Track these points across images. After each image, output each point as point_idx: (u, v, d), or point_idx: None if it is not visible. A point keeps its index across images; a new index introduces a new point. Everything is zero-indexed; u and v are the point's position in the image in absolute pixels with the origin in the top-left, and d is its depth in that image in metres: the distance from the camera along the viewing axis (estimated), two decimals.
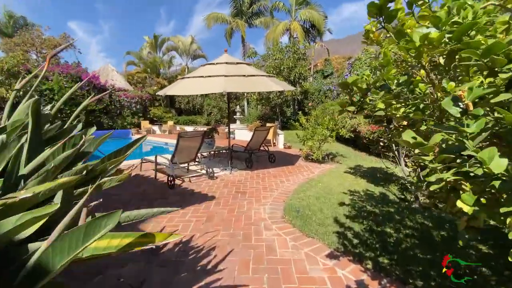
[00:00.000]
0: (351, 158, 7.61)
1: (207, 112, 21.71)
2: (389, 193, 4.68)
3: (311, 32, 18.42)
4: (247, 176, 5.79)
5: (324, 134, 7.02)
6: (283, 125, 15.93)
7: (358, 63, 11.28)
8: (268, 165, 6.96)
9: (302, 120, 7.59)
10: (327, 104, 11.61)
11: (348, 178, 5.51)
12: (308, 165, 6.93)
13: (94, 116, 18.12)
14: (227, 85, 4.69)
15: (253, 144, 6.90)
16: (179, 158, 5.27)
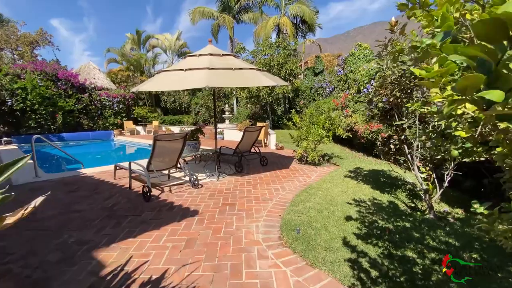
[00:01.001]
0: (348, 160, 7.05)
1: (195, 111, 20.85)
2: (397, 201, 4.12)
3: (301, 28, 17.87)
4: (237, 183, 5.12)
5: (320, 134, 6.43)
6: (274, 124, 15.32)
7: (351, 59, 10.78)
8: (260, 169, 6.31)
9: (296, 119, 6.97)
10: (320, 102, 11.09)
11: (349, 183, 4.92)
12: (304, 168, 6.32)
13: (73, 116, 16.96)
14: (210, 79, 4.00)
15: (243, 146, 6.24)
16: (157, 165, 4.54)
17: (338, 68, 12.10)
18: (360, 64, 10.37)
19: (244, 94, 13.12)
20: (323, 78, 14.01)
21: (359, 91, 8.85)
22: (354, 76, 9.95)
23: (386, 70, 3.44)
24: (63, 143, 15.20)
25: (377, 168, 6.05)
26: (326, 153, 7.86)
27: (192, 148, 5.99)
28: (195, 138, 5.97)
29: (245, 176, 5.68)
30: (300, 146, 6.90)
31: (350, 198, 4.11)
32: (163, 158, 4.61)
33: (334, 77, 12.38)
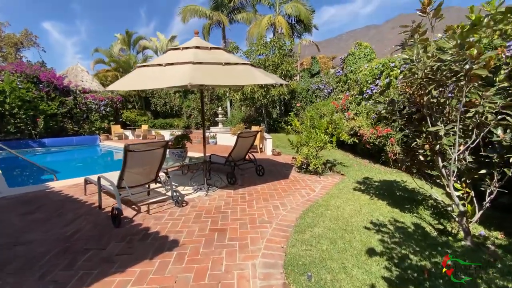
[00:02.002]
0: (354, 168, 6.35)
1: (187, 114, 20.02)
2: (423, 222, 3.40)
3: (297, 28, 17.28)
4: (229, 199, 4.35)
5: (323, 139, 5.72)
6: (270, 127, 14.61)
7: (351, 58, 10.15)
8: (255, 180, 5.55)
9: (295, 123, 6.25)
10: (319, 104, 10.42)
11: (361, 199, 4.20)
12: (305, 179, 5.59)
13: (56, 121, 15.94)
14: (194, 76, 3.24)
15: (237, 153, 5.48)
16: (131, 179, 3.75)
17: (337, 68, 11.45)
18: (361, 64, 9.73)
19: (238, 96, 12.38)
20: (320, 79, 13.38)
21: (361, 92, 8.19)
22: (354, 77, 9.30)
23: (417, 63, 2.73)
24: (44, 149, 14.18)
25: (389, 178, 5.35)
26: (328, 159, 7.15)
27: (177, 157, 5.20)
28: (180, 145, 5.19)
29: (238, 189, 4.91)
30: (300, 152, 6.18)
31: (367, 220, 3.38)
32: (139, 172, 3.82)
33: (333, 78, 11.73)
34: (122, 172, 3.57)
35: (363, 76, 8.26)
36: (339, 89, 10.84)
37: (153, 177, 4.08)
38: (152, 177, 4.07)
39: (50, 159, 13.00)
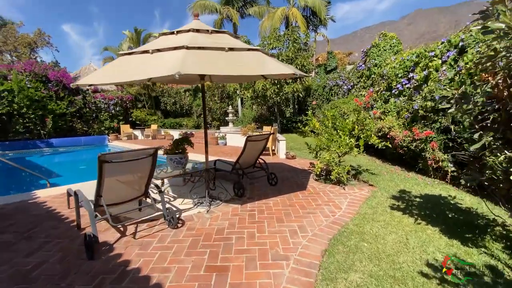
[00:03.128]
0: (384, 177, 5.38)
1: (197, 113, 19.42)
2: (498, 263, 2.45)
3: (312, 21, 16.23)
4: (234, 219, 3.54)
5: (349, 143, 4.80)
6: (283, 127, 13.70)
7: (375, 51, 9.09)
8: (267, 190, 4.72)
9: (315, 123, 5.35)
10: (338, 101, 9.42)
11: (404, 222, 3.28)
12: (327, 190, 4.70)
13: (65, 120, 15.70)
14: (185, 64, 2.44)
15: (245, 160, 4.66)
16: (111, 196, 3.01)
17: (358, 62, 10.37)
18: (387, 56, 8.66)
19: (249, 94, 11.56)
20: (338, 75, 12.32)
21: (389, 87, 7.16)
22: (380, 71, 8.26)
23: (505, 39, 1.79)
24: (51, 149, 13.91)
25: (432, 192, 4.36)
26: (351, 165, 6.20)
27: (176, 165, 4.44)
28: (179, 150, 4.42)
29: (247, 204, 4.09)
30: (320, 158, 5.29)
31: (420, 259, 2.46)
32: (121, 187, 3.07)
33: (354, 73, 10.67)
34: (98, 187, 2.82)
35: (391, 70, 7.23)
36: (361, 85, 9.79)
37: (141, 191, 3.32)
38: (140, 191, 3.31)
39: (56, 160, 12.69)
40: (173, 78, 4.11)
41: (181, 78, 5.10)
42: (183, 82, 5.33)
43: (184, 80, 5.23)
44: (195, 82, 5.34)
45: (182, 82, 5.42)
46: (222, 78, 5.39)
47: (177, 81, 5.41)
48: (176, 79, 2.83)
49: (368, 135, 4.92)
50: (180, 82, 5.43)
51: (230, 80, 6.06)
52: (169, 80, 5.48)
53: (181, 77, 4.77)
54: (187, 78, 5.07)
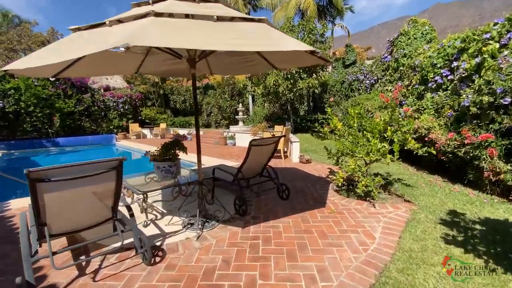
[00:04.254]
0: (422, 190, 4.33)
1: (207, 112, 18.72)
2: None
3: (329, 11, 15.05)
4: (231, 252, 2.65)
5: (382, 149, 3.80)
6: (296, 126, 12.69)
7: (403, 39, 7.92)
8: (277, 207, 3.80)
9: (336, 122, 4.37)
10: (360, 98, 8.30)
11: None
12: (352, 208, 3.73)
13: (73, 119, 15.41)
14: (141, 33, 1.57)
15: (249, 168, 3.78)
16: (61, 223, 2.20)
17: (382, 54, 9.20)
18: (418, 45, 7.49)
19: (259, 90, 10.64)
20: (358, 69, 11.14)
21: (424, 80, 6.03)
22: (410, 62, 7.12)
23: None
24: (58, 149, 13.58)
25: (494, 216, 3.29)
26: (379, 173, 5.17)
27: (165, 174, 3.61)
28: (169, 157, 3.59)
29: (249, 226, 3.20)
30: (342, 165, 4.32)
31: None
32: (77, 210, 2.26)
33: (377, 65, 9.50)
34: (36, 214, 2.02)
35: (425, 60, 6.09)
36: (387, 78, 8.63)
37: (106, 214, 2.49)
38: (104, 215, 2.49)
39: (60, 160, 12.29)
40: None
41: (172, 69, 4.26)
42: (177, 74, 4.50)
43: (177, 71, 4.40)
44: (180, 75, 4.50)
45: (176, 73, 4.59)
46: (223, 68, 4.52)
47: (171, 72, 4.59)
48: (122, 52, 1.96)
49: (405, 139, 3.88)
50: (175, 74, 4.61)
51: (233, 71, 5.15)
52: (163, 72, 4.67)
53: (173, 68, 3.89)
54: (180, 70, 4.24)
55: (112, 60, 3.60)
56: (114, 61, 3.62)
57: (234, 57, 4.07)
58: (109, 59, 3.50)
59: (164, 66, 4.08)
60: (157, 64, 4.03)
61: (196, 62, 2.96)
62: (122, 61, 3.76)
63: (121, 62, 3.79)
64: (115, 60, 3.61)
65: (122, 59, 3.72)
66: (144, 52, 3.72)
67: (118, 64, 3.81)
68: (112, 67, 3.85)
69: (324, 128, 4.44)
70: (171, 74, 5.15)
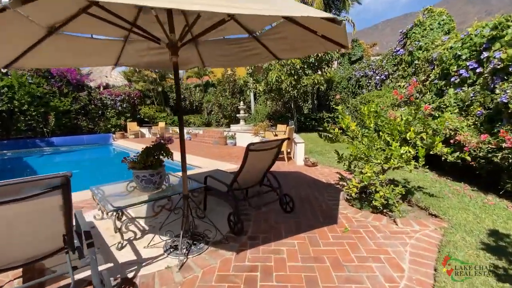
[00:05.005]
0: (449, 201, 3.71)
1: (207, 110, 18.14)
2: None
3: (334, 3, 14.35)
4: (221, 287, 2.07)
5: (405, 155, 3.18)
6: (300, 125, 12.07)
7: (418, 30, 7.24)
8: (279, 223, 3.20)
9: (347, 121, 3.75)
10: (370, 95, 7.62)
11: None
12: (369, 225, 3.12)
13: (69, 118, 14.92)
14: None
15: (247, 177, 3.19)
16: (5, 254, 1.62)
17: (394, 47, 8.50)
18: (435, 37, 6.82)
19: (261, 87, 10.03)
20: (367, 64, 10.47)
21: (445, 74, 5.38)
22: (426, 54, 6.46)
23: None
24: (52, 149, 13.10)
25: None
26: (395, 179, 4.55)
27: (146, 185, 3.04)
28: (150, 163, 3.01)
29: (246, 250, 2.61)
30: (355, 172, 3.71)
31: None
32: (16, 242, 1.68)
33: (388, 59, 8.82)
34: None
35: (447, 52, 5.43)
36: (400, 74, 7.96)
37: (57, 243, 1.91)
38: (55, 243, 1.91)
39: (52, 161, 11.80)
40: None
41: (157, 60, 3.67)
42: (162, 66, 3.90)
43: (162, 63, 3.80)
44: (161, 67, 3.90)
45: (161, 65, 3.99)
46: (217, 60, 3.91)
47: (155, 63, 3.99)
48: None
49: (432, 142, 3.25)
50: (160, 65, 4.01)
51: (229, 62, 4.54)
52: (147, 63, 4.08)
53: (157, 60, 3.30)
54: (165, 61, 3.65)
55: (84, 48, 3.02)
56: (85, 50, 3.04)
57: (230, 46, 3.47)
58: (79, 47, 2.93)
59: (147, 56, 3.50)
60: (138, 54, 3.45)
61: (178, 47, 2.36)
62: (96, 50, 3.18)
63: (95, 52, 3.21)
64: (87, 48, 3.03)
65: (96, 48, 3.14)
66: (122, 39, 3.13)
67: (92, 53, 3.22)
68: (84, 56, 3.27)
69: (335, 129, 3.83)
70: (156, 66, 4.55)
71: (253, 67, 10.72)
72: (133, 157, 3.12)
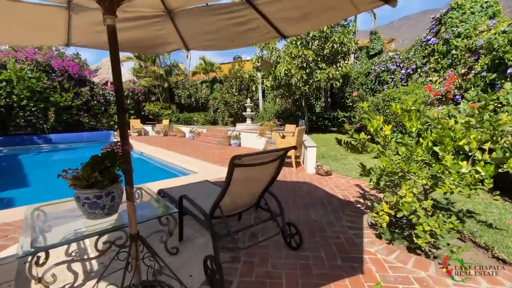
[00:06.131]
0: None
1: (213, 107, 17.30)
2: None
3: None
4: None
5: (470, 175, 2.15)
6: (311, 125, 11.00)
7: (456, 15, 6.07)
8: (281, 270, 2.24)
9: (377, 124, 2.74)
10: (395, 92, 6.47)
11: None
12: (410, 276, 2.11)
13: (71, 114, 14.41)
14: None
15: (233, 201, 2.25)
16: None
17: (425, 36, 7.26)
18: (478, 21, 5.64)
19: (268, 82, 9.05)
20: (390, 57, 9.27)
21: (497, 65, 4.25)
22: (467, 42, 5.31)
23: None
24: (51, 146, 12.58)
25: None
26: (435, 199, 3.51)
27: (91, 210, 2.14)
28: (98, 179, 2.11)
29: None
30: (386, 193, 2.70)
31: None
32: None
33: (417, 51, 7.61)
34: None
35: (499, 37, 4.30)
36: (432, 66, 6.79)
37: None
38: None
39: (55, 157, 11.25)
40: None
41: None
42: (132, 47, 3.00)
43: (132, 42, 2.90)
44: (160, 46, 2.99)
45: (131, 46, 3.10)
46: (202, 38, 2.96)
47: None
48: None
49: (504, 157, 2.21)
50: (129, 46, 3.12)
51: (218, 42, 3.46)
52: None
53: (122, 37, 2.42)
54: (137, 40, 2.75)
55: (15, 19, 2.14)
56: (19, 22, 2.16)
57: (216, 17, 2.51)
58: (9, 17, 2.06)
59: (105, 33, 2.58)
60: (94, 30, 2.55)
61: (114, 1, 1.43)
62: (33, 23, 2.30)
63: (33, 25, 2.33)
64: (17, 19, 2.15)
65: (32, 20, 2.26)
66: (61, 5, 2.22)
67: (29, 27, 2.35)
68: (19, 32, 2.40)
69: (361, 134, 2.82)
70: (124, 46, 3.58)
71: (260, 61, 9.76)
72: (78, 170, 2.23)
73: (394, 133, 3.06)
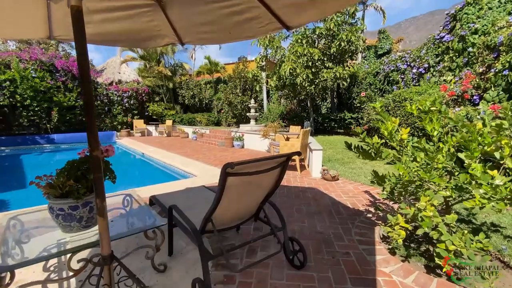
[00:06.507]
0: None
1: (217, 108, 17.07)
2: None
3: None
4: None
5: (506, 187, 1.82)
6: (317, 127, 10.67)
7: (472, 11, 5.69)
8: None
9: (392, 127, 2.43)
10: (407, 92, 6.10)
11: None
12: None
13: (74, 114, 14.35)
14: None
15: (227, 214, 1.96)
16: None
17: (439, 33, 6.86)
18: (496, 17, 5.27)
19: (272, 82, 8.76)
20: (399, 56, 8.88)
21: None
22: (486, 39, 4.94)
23: None
24: (53, 146, 12.50)
25: None
26: (458, 212, 3.17)
27: (66, 223, 1.88)
28: (73, 187, 1.85)
29: None
30: (402, 205, 2.39)
31: None
32: None
33: (429, 49, 7.22)
34: None
35: None
36: (446, 65, 6.42)
37: None
38: None
39: (57, 157, 11.14)
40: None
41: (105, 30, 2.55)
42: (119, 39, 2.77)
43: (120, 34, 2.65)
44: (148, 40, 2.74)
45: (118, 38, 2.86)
46: (197, 30, 2.70)
47: (104, 35, 2.84)
48: None
49: None
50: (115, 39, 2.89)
51: (214, 34, 3.16)
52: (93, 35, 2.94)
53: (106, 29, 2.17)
54: (124, 31, 2.49)
55: None
56: None
57: (211, 6, 2.24)
58: None
59: (91, 24, 2.34)
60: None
61: None
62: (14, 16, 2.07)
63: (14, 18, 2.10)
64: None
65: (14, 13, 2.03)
66: None
67: (10, 21, 2.12)
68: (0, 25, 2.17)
69: (374, 138, 2.51)
70: (114, 40, 3.30)
71: (264, 60, 9.49)
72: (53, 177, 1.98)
73: (409, 137, 2.74)
